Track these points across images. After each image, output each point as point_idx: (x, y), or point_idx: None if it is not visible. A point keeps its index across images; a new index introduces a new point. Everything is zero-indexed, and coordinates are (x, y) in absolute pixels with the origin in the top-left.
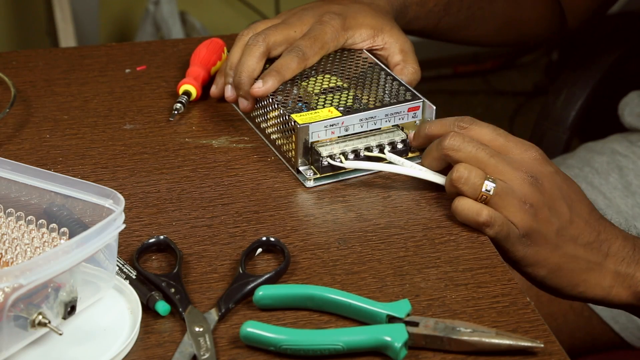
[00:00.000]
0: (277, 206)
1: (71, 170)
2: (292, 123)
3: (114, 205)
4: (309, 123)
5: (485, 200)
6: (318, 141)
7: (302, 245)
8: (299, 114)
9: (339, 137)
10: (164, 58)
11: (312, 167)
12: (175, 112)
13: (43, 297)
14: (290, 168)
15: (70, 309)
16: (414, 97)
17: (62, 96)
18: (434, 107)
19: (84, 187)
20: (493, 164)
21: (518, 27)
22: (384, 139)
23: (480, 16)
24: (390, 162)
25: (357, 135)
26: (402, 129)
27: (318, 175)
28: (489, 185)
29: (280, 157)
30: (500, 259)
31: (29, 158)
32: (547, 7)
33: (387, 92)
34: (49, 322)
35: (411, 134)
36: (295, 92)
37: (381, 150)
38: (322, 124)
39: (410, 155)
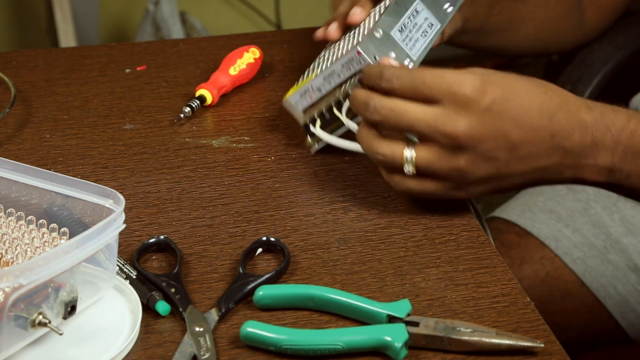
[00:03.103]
0: (277, 206)
1: (71, 170)
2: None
3: (114, 205)
4: (289, 96)
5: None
6: (309, 109)
7: (302, 245)
8: (292, 87)
9: (322, 98)
10: (164, 58)
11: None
12: (182, 115)
13: (43, 297)
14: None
15: (70, 309)
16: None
17: (62, 96)
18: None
19: (84, 187)
20: (423, 126)
21: (548, 30)
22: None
23: (519, 18)
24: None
25: (335, 91)
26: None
27: (316, 146)
28: (408, 168)
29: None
30: (501, 259)
31: (29, 158)
32: (569, 13)
33: (344, 46)
34: (49, 322)
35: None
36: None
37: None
38: (298, 93)
39: None
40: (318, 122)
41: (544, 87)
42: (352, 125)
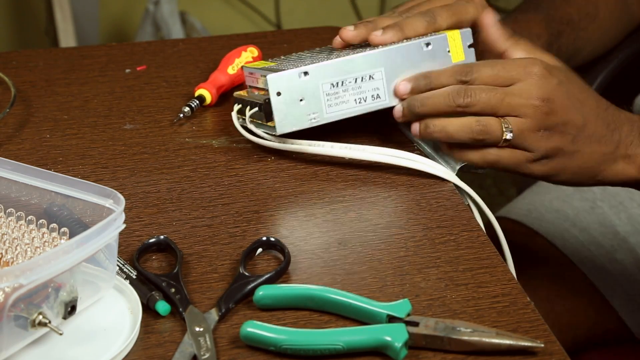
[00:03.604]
0: (277, 206)
1: (71, 170)
2: None
3: (114, 205)
4: (246, 66)
5: (505, 145)
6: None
7: (302, 245)
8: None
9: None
10: (164, 58)
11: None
12: (181, 115)
13: (43, 297)
14: None
15: (70, 309)
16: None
17: (62, 96)
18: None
19: (84, 187)
20: (506, 105)
21: (603, 46)
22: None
23: (580, 46)
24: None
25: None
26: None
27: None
28: (508, 135)
29: None
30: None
31: (29, 158)
32: (619, 18)
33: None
34: (49, 322)
35: (403, 86)
36: None
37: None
38: (249, 69)
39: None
40: (238, 106)
41: (590, 87)
42: (253, 128)
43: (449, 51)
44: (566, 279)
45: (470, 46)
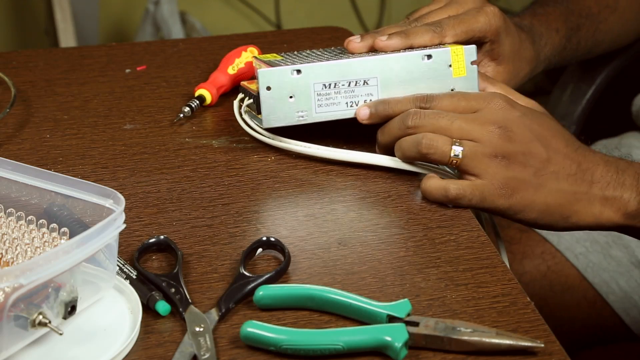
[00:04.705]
0: (277, 206)
1: (71, 170)
2: None
3: (114, 205)
4: (258, 55)
5: (456, 164)
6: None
7: (302, 245)
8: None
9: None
10: (164, 58)
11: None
12: (181, 115)
13: (43, 297)
14: None
15: (70, 309)
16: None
17: (62, 96)
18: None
19: (85, 187)
20: (457, 127)
21: (624, 38)
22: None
23: (599, 40)
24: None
25: None
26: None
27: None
28: (456, 150)
29: None
30: (500, 259)
31: (29, 158)
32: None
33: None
34: (49, 322)
35: (363, 111)
36: None
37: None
38: (259, 61)
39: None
40: (241, 95)
41: (562, 126)
42: (247, 118)
43: (450, 65)
44: (559, 274)
45: (472, 63)
